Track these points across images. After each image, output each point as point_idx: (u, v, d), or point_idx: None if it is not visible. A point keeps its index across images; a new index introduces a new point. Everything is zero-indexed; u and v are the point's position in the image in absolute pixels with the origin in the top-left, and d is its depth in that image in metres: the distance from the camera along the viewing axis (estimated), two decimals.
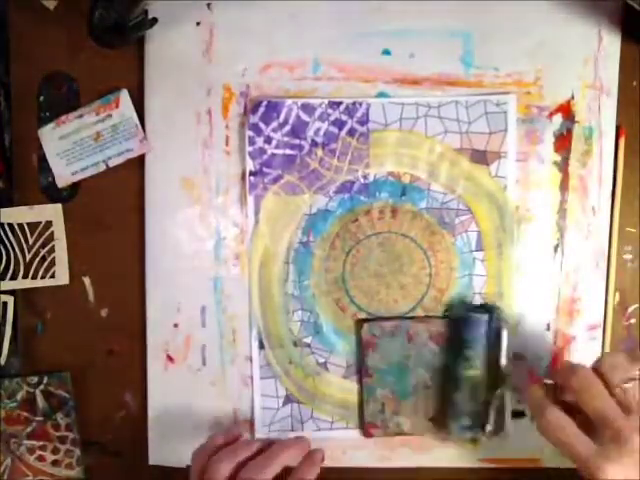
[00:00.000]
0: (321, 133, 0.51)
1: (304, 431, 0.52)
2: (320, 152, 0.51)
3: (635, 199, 0.52)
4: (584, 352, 0.52)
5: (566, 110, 0.51)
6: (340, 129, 0.51)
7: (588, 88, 0.51)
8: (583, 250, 0.51)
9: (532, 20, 0.50)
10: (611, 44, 0.50)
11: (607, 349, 0.52)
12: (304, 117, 0.51)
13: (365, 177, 0.51)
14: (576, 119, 0.51)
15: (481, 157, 0.51)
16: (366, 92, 0.51)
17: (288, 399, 0.52)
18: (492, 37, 0.50)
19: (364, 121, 0.51)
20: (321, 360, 0.52)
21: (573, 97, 0.51)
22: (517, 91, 0.51)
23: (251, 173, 0.51)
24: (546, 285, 0.52)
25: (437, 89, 0.51)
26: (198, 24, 0.51)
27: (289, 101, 0.50)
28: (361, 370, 0.52)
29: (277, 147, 0.51)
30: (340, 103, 0.51)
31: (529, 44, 0.50)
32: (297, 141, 0.51)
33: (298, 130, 0.51)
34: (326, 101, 0.51)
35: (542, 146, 0.51)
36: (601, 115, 0.51)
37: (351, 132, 0.51)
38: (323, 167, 0.51)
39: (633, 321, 0.52)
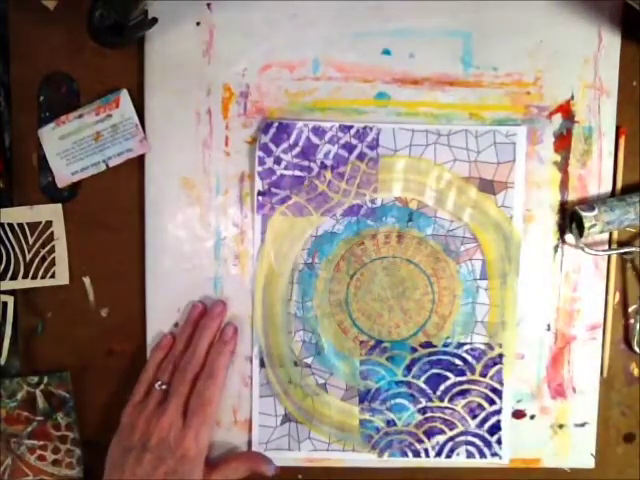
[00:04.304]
0: (331, 156, 0.51)
1: (301, 450, 0.52)
2: (329, 175, 0.51)
3: None
4: (584, 352, 0.52)
5: (566, 110, 0.51)
6: (350, 153, 0.51)
7: (588, 88, 0.51)
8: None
9: (532, 20, 0.50)
10: (611, 44, 0.50)
11: (607, 349, 0.52)
12: (314, 140, 0.51)
13: (373, 201, 0.51)
14: (576, 119, 0.51)
15: (488, 186, 0.51)
16: (366, 92, 0.51)
17: (286, 418, 0.52)
18: (492, 37, 0.50)
19: (374, 146, 0.51)
20: (321, 381, 0.52)
21: (573, 97, 0.51)
22: (517, 91, 0.51)
23: (259, 193, 0.51)
24: (546, 285, 0.52)
25: (437, 89, 0.51)
26: (198, 24, 0.51)
27: (300, 123, 0.50)
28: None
29: (286, 168, 0.51)
30: (351, 127, 0.51)
31: (529, 44, 0.50)
32: (306, 163, 0.51)
33: (308, 152, 0.51)
34: (337, 124, 0.51)
35: (542, 146, 0.51)
36: (601, 115, 0.51)
37: (361, 156, 0.51)
38: (331, 190, 0.51)
39: (632, 321, 0.53)
